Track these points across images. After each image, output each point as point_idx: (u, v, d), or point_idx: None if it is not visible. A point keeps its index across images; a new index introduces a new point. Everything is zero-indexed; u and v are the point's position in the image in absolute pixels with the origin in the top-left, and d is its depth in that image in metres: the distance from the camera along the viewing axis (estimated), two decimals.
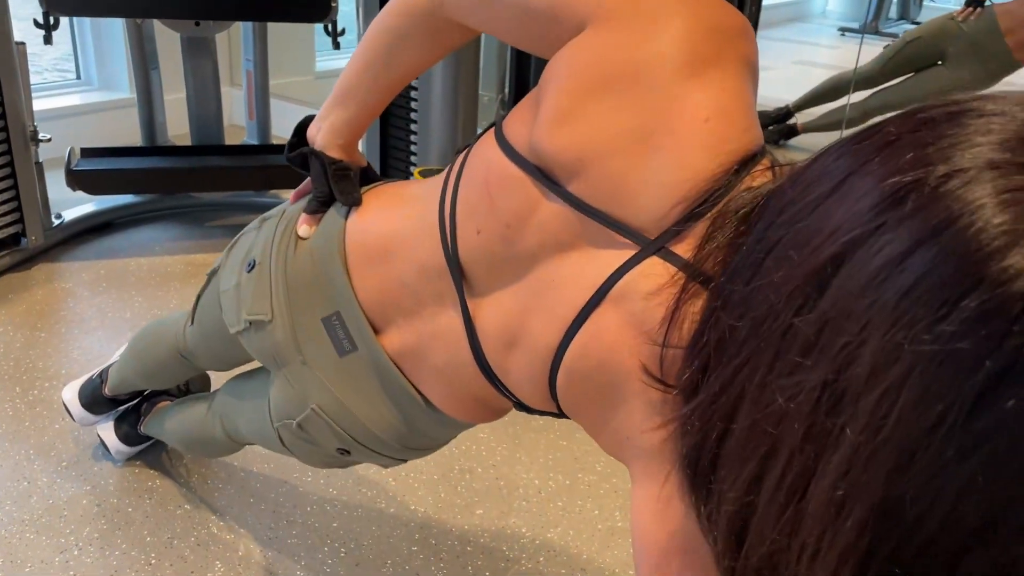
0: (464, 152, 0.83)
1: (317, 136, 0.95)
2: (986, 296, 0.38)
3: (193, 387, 1.68)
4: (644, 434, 0.64)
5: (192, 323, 1.23)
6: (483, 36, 2.45)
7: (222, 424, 1.28)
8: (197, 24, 2.54)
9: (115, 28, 3.39)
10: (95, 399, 1.63)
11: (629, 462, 0.69)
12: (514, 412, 0.94)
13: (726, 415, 0.50)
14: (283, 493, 1.63)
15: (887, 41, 5.84)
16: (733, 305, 0.51)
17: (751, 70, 0.68)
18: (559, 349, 0.71)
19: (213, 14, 2.46)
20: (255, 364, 1.20)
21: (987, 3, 3.20)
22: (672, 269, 0.63)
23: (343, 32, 2.62)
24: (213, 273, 1.14)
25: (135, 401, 1.65)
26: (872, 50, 5.03)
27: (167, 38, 2.75)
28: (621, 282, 0.65)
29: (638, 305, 0.64)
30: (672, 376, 0.60)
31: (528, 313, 0.75)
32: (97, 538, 1.49)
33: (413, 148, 2.50)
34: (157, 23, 2.63)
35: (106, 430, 1.65)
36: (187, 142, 2.86)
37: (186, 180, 2.62)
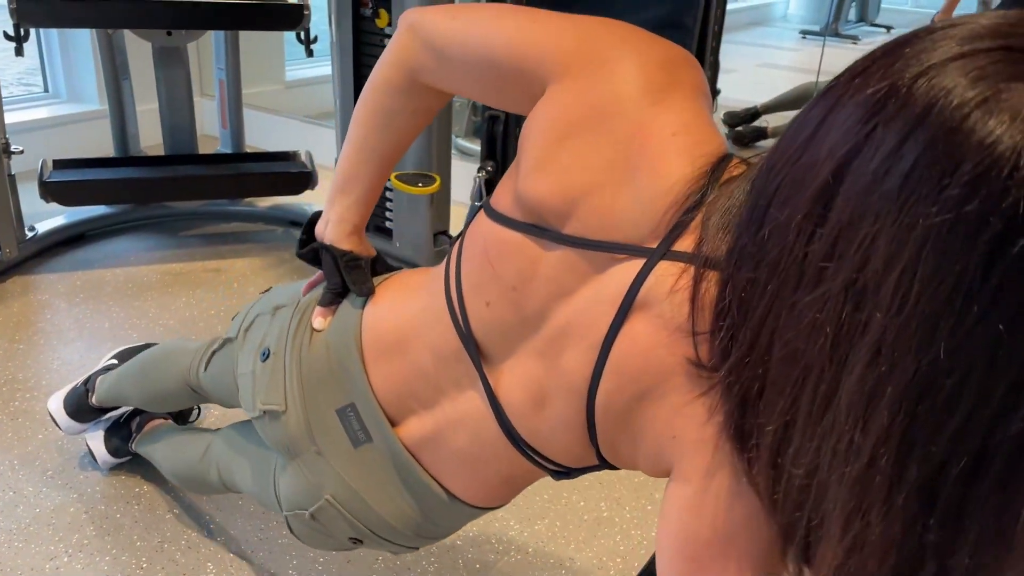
0: (459, 239, 0.86)
1: (326, 230, 0.97)
2: (978, 160, 0.43)
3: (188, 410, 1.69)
4: (690, 425, 0.66)
5: (205, 371, 1.24)
6: None
7: (219, 472, 1.28)
8: (169, 34, 2.55)
9: (82, 40, 3.38)
10: (81, 407, 1.63)
11: (673, 463, 0.70)
12: None
13: (760, 362, 0.54)
14: None
15: (847, 43, 5.97)
16: (746, 260, 0.55)
17: (703, 92, 0.73)
18: (594, 376, 0.72)
19: (186, 23, 2.47)
20: None
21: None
22: (683, 265, 0.66)
23: (315, 40, 2.64)
24: (228, 341, 1.16)
25: (125, 413, 1.65)
26: (832, 52, 5.14)
27: (136, 49, 2.75)
28: (641, 292, 0.68)
29: (663, 306, 0.67)
30: (706, 360, 0.63)
31: (551, 365, 0.77)
32: (86, 545, 1.49)
33: None
34: (128, 33, 2.62)
35: (95, 439, 1.65)
36: (158, 152, 2.86)
37: (161, 190, 2.62)
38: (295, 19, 2.50)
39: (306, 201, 2.92)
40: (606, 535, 1.59)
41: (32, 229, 2.55)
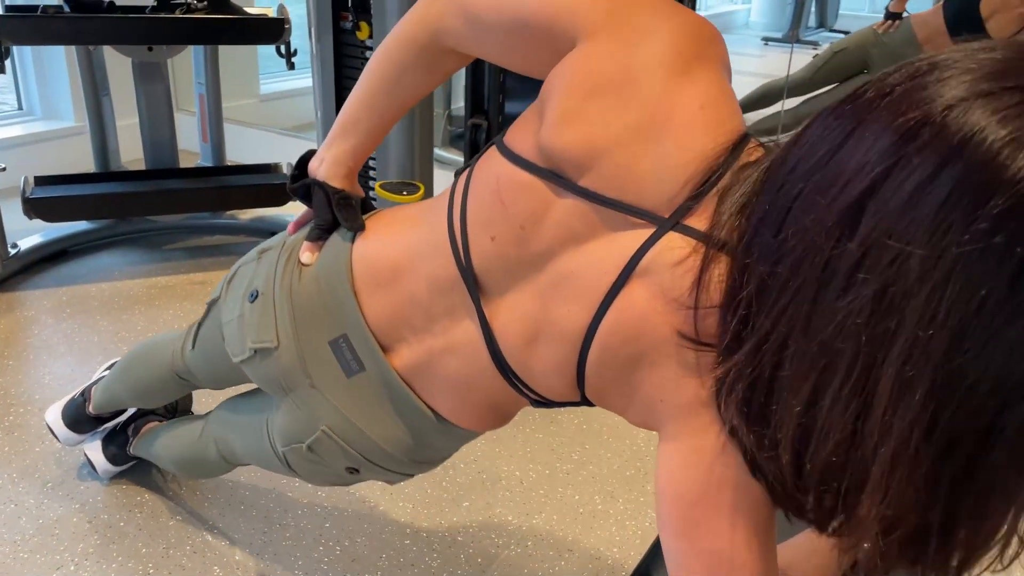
0: (466, 172, 0.88)
1: (320, 168, 1.00)
2: (1008, 195, 0.49)
3: (180, 407, 1.71)
4: (679, 392, 0.71)
5: (193, 348, 1.26)
6: None
7: (216, 446, 1.31)
8: (150, 49, 2.57)
9: (57, 57, 3.38)
10: (79, 418, 1.64)
11: (661, 423, 0.75)
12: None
13: (777, 350, 0.59)
14: (272, 500, 1.67)
15: (808, 48, 6.11)
16: (765, 255, 0.60)
17: (726, 68, 0.77)
18: (589, 330, 0.76)
19: (168, 39, 2.49)
20: (250, 386, 1.25)
21: (904, 15, 3.41)
22: (691, 241, 0.70)
23: (295, 53, 2.67)
24: (212, 303, 1.17)
25: (121, 421, 1.67)
26: (795, 57, 5.25)
27: (113, 65, 2.76)
28: (645, 258, 0.72)
29: (664, 276, 0.71)
30: (705, 335, 0.68)
31: (549, 306, 0.80)
32: (92, 553, 1.51)
33: (371, 163, 2.56)
34: (108, 50, 2.64)
35: (93, 449, 1.67)
36: (138, 167, 2.87)
37: (145, 204, 2.63)
38: (276, 33, 2.54)
39: (288, 212, 2.95)
40: (601, 527, 1.64)
41: (15, 246, 2.56)
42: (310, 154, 1.04)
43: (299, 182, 1.03)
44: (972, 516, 0.57)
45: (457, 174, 0.91)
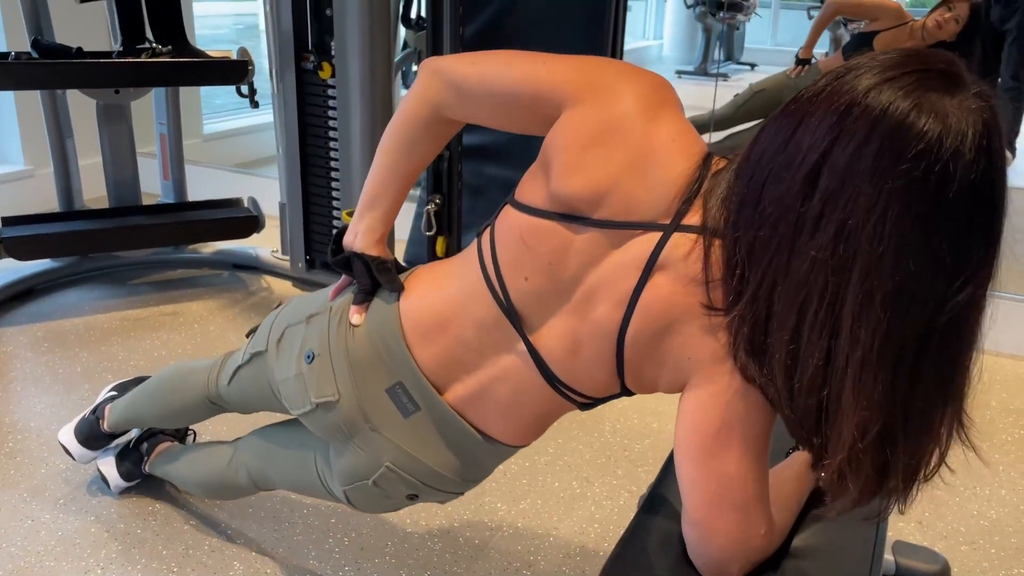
0: (488, 230, 1.07)
1: (356, 240, 1.16)
2: (921, 144, 0.72)
3: (187, 430, 1.83)
4: (701, 348, 0.90)
5: (229, 384, 1.40)
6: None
7: (248, 473, 1.44)
8: (117, 92, 2.68)
9: (6, 103, 3.44)
10: (93, 435, 1.75)
11: (688, 378, 0.94)
12: None
13: (768, 294, 0.80)
14: (278, 502, 1.80)
15: (720, 79, 6.51)
16: (750, 226, 0.81)
17: (680, 106, 1.00)
18: (624, 321, 0.95)
19: (136, 81, 2.61)
20: (278, 416, 1.40)
21: (812, 61, 3.80)
22: (692, 236, 0.90)
23: (255, 92, 2.82)
24: (257, 354, 1.30)
25: (133, 439, 1.78)
26: (704, 88, 5.62)
27: (73, 106, 2.86)
28: (660, 257, 0.92)
29: (679, 266, 0.91)
30: (716, 303, 0.88)
31: (584, 316, 0.99)
32: (116, 557, 1.62)
33: (335, 193, 2.72)
34: (73, 93, 2.74)
35: (107, 465, 1.77)
36: (101, 206, 2.95)
37: (114, 240, 2.72)
38: (240, 74, 2.68)
39: (250, 245, 3.07)
40: (581, 507, 1.82)
41: None
42: (343, 231, 1.19)
43: (339, 256, 1.18)
44: (921, 429, 0.79)
45: (479, 234, 1.09)
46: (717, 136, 3.90)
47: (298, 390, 1.19)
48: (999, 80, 4.31)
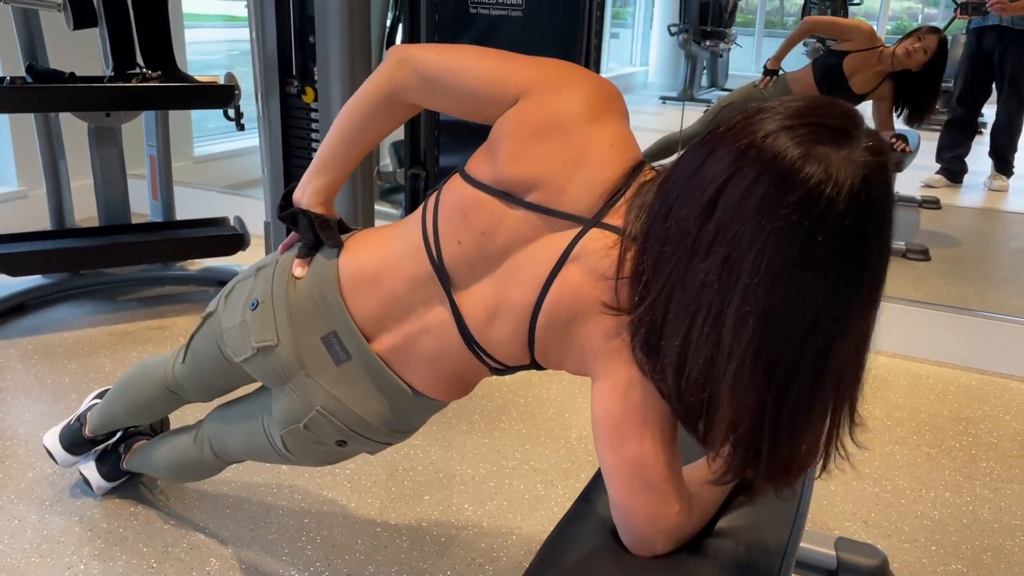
0: (434, 195, 1.17)
1: (303, 198, 1.26)
2: (801, 191, 0.81)
3: (164, 426, 1.92)
4: (604, 341, 1.00)
5: (184, 361, 1.49)
6: None
7: (211, 447, 1.53)
8: (108, 115, 2.79)
9: (1, 127, 3.54)
10: (76, 441, 1.84)
11: (591, 366, 1.04)
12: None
13: (665, 303, 0.90)
14: (254, 503, 1.88)
15: (703, 106, 6.67)
16: (657, 239, 0.91)
17: (625, 115, 1.10)
18: (537, 303, 1.05)
19: (127, 105, 2.72)
20: (235, 395, 1.49)
21: (780, 72, 3.91)
22: (610, 235, 1.00)
23: (242, 115, 2.93)
24: (209, 315, 1.40)
25: (112, 443, 1.87)
26: (690, 113, 5.78)
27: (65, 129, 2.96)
28: (577, 247, 1.02)
29: (592, 259, 1.01)
30: (622, 299, 0.98)
31: (505, 290, 1.09)
32: (98, 554, 1.70)
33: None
34: (66, 116, 2.85)
35: (88, 468, 1.86)
36: (91, 226, 3.05)
37: (104, 256, 2.82)
38: (226, 98, 2.79)
39: (236, 263, 3.17)
40: (544, 508, 1.91)
41: None
42: (292, 188, 1.30)
43: (286, 211, 1.28)
44: (790, 429, 0.89)
45: (426, 198, 1.19)
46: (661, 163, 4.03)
47: (241, 336, 1.28)
48: (999, 106, 4.45)
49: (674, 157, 1.00)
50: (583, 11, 2.89)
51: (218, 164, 4.55)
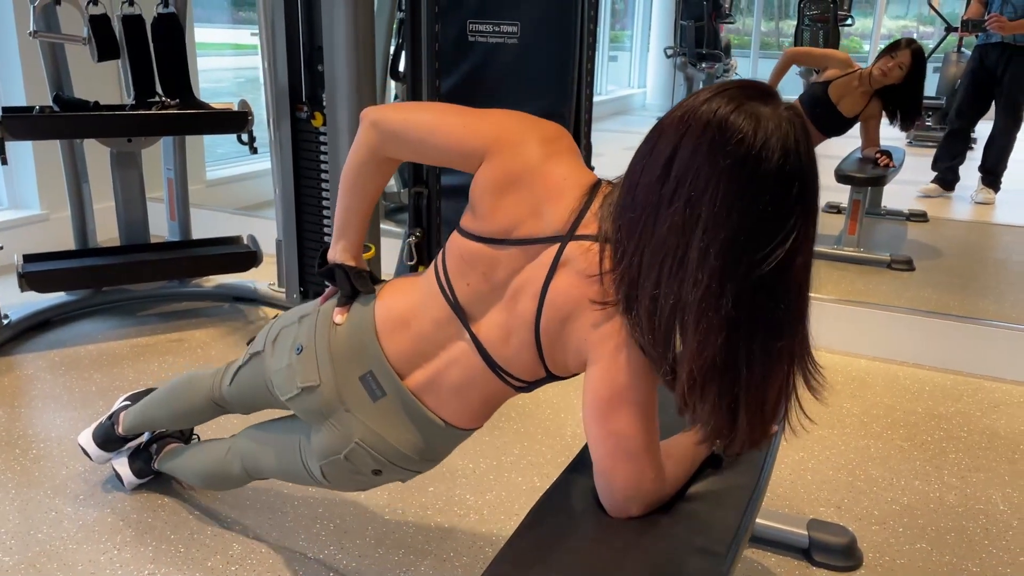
0: (441, 252, 1.34)
1: (336, 256, 1.43)
2: (737, 136, 0.99)
3: (191, 432, 2.07)
4: (594, 331, 1.16)
5: (231, 385, 1.67)
6: None
7: (243, 464, 1.69)
8: (129, 140, 2.97)
9: (25, 152, 3.73)
10: (108, 438, 2.00)
11: (587, 354, 1.19)
12: None
13: (639, 258, 1.07)
14: (272, 495, 2.03)
15: None
16: (627, 209, 1.09)
17: (573, 150, 1.27)
18: (537, 310, 1.21)
19: (148, 131, 2.91)
20: (272, 414, 1.65)
21: None
22: (586, 243, 1.17)
23: (255, 139, 3.10)
24: (255, 354, 1.57)
25: (143, 441, 2.03)
26: None
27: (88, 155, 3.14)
28: (561, 258, 1.18)
29: (576, 264, 1.17)
30: (606, 294, 1.13)
31: (512, 310, 1.25)
32: (130, 541, 1.85)
33: (327, 231, 2.99)
34: (89, 142, 3.03)
35: (121, 464, 2.01)
36: (113, 246, 3.23)
37: (125, 273, 2.99)
38: (240, 123, 2.97)
39: (249, 279, 3.33)
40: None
41: (6, 317, 2.87)
42: (325, 249, 1.47)
43: (324, 268, 1.45)
44: (763, 361, 1.05)
45: (436, 255, 1.35)
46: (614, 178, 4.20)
47: (287, 377, 1.44)
48: (995, 121, 4.62)
49: None
50: (575, 37, 3.07)
51: (228, 187, 4.74)
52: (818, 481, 2.16)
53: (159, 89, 3.00)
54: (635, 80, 9.21)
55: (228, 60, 7.77)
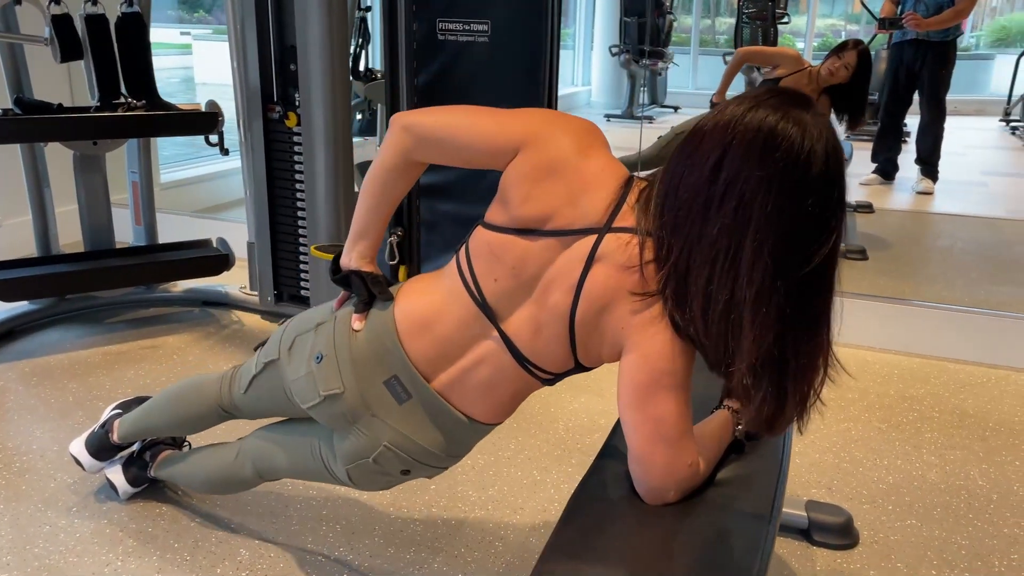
0: (463, 248, 1.34)
1: (351, 262, 1.42)
2: (785, 144, 1.04)
3: (184, 438, 2.04)
4: (633, 318, 1.18)
5: (245, 393, 1.64)
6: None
7: (254, 465, 1.67)
8: (95, 143, 2.90)
9: None
10: (102, 447, 1.95)
11: (623, 342, 1.21)
12: None
13: (688, 255, 1.10)
14: (271, 499, 2.02)
15: (645, 121, 6.95)
16: (671, 209, 1.12)
17: (606, 144, 1.30)
18: (573, 304, 1.22)
19: (116, 133, 2.84)
20: (281, 417, 1.64)
21: (712, 103, 4.21)
22: (622, 235, 1.19)
23: (222, 141, 3.05)
24: (270, 362, 1.53)
25: (136, 450, 1.98)
26: (632, 130, 6.05)
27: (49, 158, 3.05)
28: (599, 251, 1.20)
29: (614, 256, 1.19)
30: (647, 284, 1.16)
31: (543, 304, 1.26)
32: (133, 551, 1.82)
33: (302, 231, 2.96)
34: (50, 145, 2.94)
35: (114, 473, 1.97)
36: (76, 251, 3.14)
37: (92, 280, 2.92)
38: (211, 124, 2.92)
39: (218, 283, 3.28)
40: (542, 491, 2.08)
41: None
42: (338, 255, 1.45)
43: (339, 275, 1.44)
44: (804, 349, 1.10)
45: (456, 252, 1.36)
46: (644, 174, 4.27)
47: (308, 386, 1.42)
48: (921, 114, 4.80)
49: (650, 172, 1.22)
50: (545, 35, 3.10)
51: (183, 190, 4.64)
52: (807, 464, 2.23)
53: (123, 90, 2.93)
54: (579, 78, 9.28)
55: (165, 60, 7.60)
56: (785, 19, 6.82)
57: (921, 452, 2.31)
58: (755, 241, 1.05)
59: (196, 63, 8.01)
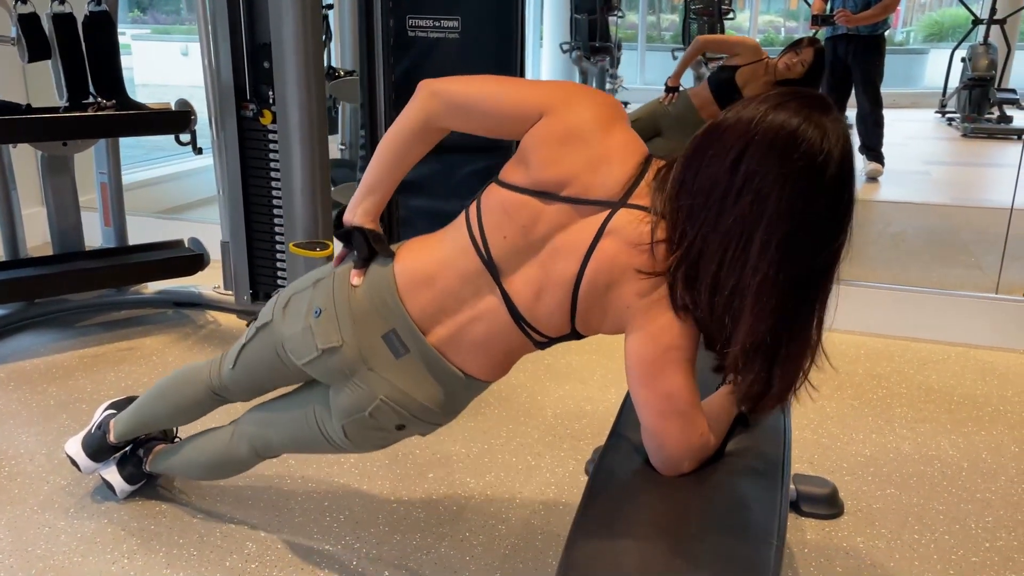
0: (474, 203, 1.38)
1: (355, 218, 1.43)
2: (804, 146, 1.10)
3: (175, 432, 2.04)
4: (639, 298, 1.24)
5: (234, 367, 1.65)
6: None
7: (251, 444, 1.69)
8: (65, 144, 2.85)
9: None
10: (100, 448, 1.94)
11: (628, 322, 1.26)
12: None
13: (702, 241, 1.16)
14: (272, 492, 2.03)
15: None
16: (688, 195, 1.17)
17: (627, 120, 1.35)
18: (579, 273, 1.27)
19: (86, 133, 2.80)
20: (274, 394, 1.66)
21: (680, 88, 4.30)
22: (636, 212, 1.24)
23: (194, 139, 3.03)
24: (263, 326, 1.56)
25: (129, 448, 1.98)
26: None
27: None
28: (610, 224, 1.25)
29: (625, 232, 1.24)
30: (656, 263, 1.21)
31: (548, 269, 1.30)
32: (138, 549, 1.82)
33: (279, 228, 2.96)
34: (17, 146, 2.89)
35: (110, 473, 1.96)
36: (45, 254, 3.09)
37: (64, 283, 2.87)
38: (183, 124, 2.90)
39: (191, 283, 3.25)
40: (538, 475, 2.13)
41: None
42: (341, 211, 1.48)
43: (341, 230, 1.46)
44: (798, 338, 1.17)
45: (466, 209, 1.39)
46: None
47: (306, 341, 1.44)
48: (857, 104, 4.97)
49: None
50: (514, 32, 3.15)
51: (149, 190, 4.58)
52: None
53: (92, 89, 2.89)
54: (530, 74, 9.34)
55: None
56: (731, 15, 6.99)
57: (893, 426, 2.42)
58: (766, 234, 1.11)
59: (136, 64, 7.86)
